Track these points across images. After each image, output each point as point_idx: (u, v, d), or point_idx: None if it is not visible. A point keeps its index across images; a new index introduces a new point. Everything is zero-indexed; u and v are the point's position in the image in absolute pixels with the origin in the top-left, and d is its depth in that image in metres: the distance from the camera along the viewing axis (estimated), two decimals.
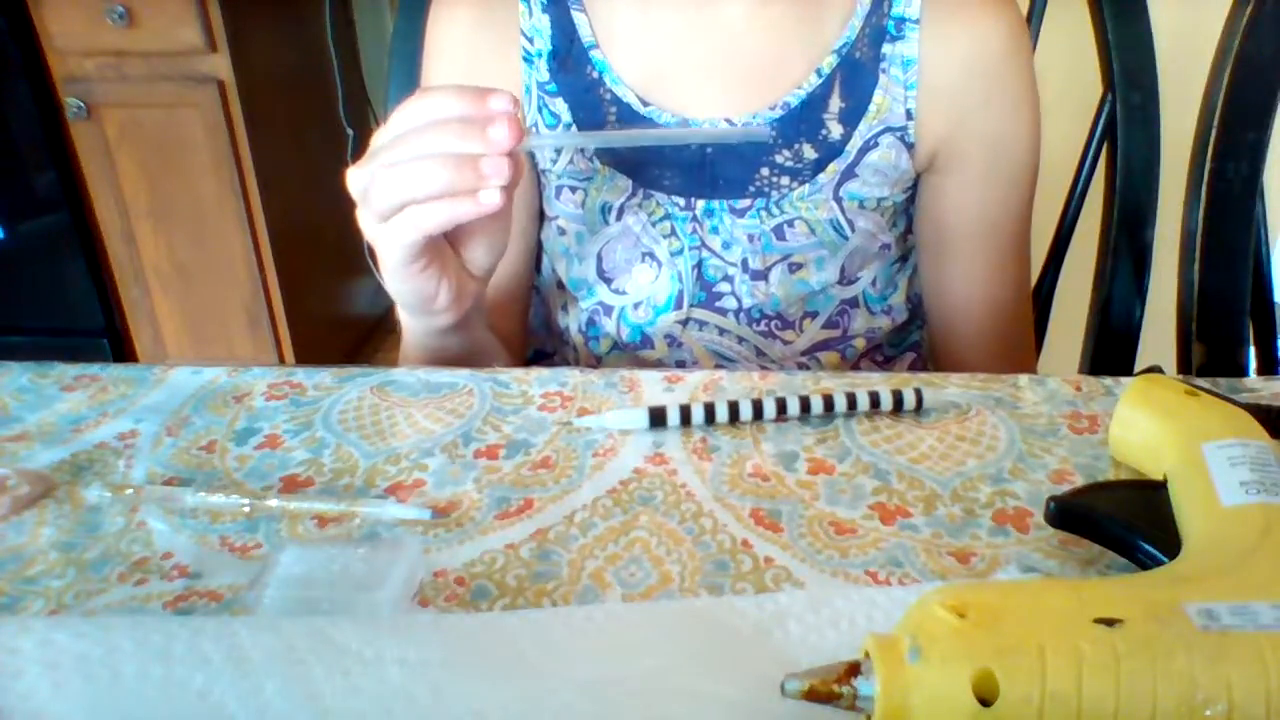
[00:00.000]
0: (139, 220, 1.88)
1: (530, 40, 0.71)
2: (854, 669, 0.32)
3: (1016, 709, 0.30)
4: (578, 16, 0.70)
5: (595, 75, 0.70)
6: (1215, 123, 0.78)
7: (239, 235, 1.88)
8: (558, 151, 0.72)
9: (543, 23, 0.70)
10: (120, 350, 2.00)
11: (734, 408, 0.53)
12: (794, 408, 0.54)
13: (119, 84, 1.77)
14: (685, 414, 0.53)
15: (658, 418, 0.53)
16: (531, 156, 0.74)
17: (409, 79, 0.82)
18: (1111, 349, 0.84)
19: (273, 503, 0.48)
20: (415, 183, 0.51)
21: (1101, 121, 0.81)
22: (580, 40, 0.70)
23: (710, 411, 0.53)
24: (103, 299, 1.95)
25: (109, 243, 1.91)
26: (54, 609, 0.42)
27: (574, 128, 0.71)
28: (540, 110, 0.71)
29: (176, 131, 1.80)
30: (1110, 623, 0.31)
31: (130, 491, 0.49)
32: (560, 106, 0.71)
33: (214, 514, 0.48)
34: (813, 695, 0.32)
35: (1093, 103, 0.82)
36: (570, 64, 0.70)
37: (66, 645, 0.37)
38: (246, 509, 0.48)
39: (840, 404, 0.54)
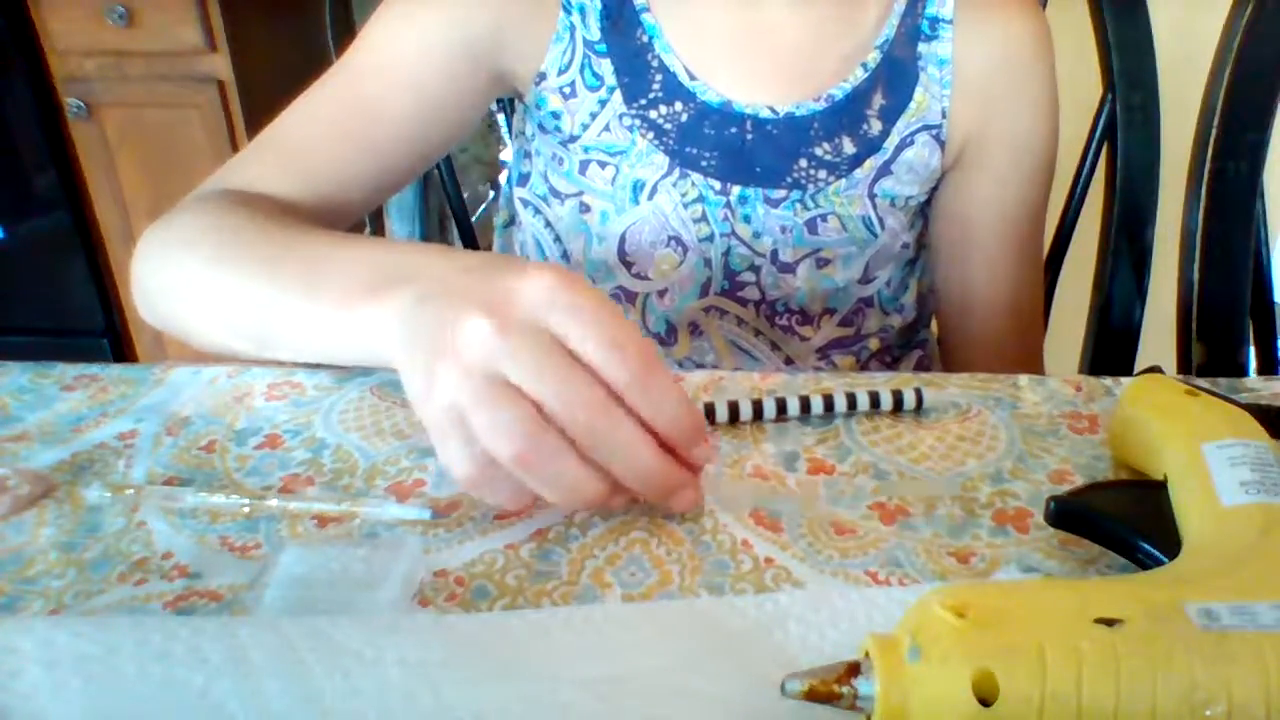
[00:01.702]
0: (139, 220, 1.88)
1: None
2: (854, 669, 0.32)
3: (1016, 709, 0.30)
4: None
5: (645, 40, 0.69)
6: (1215, 123, 0.78)
7: None
8: (592, 116, 0.70)
9: None
10: (120, 350, 2.00)
11: (734, 408, 0.53)
12: (794, 408, 0.54)
13: (119, 84, 1.77)
14: None
15: None
16: (506, 108, 0.72)
17: None
18: (1111, 349, 0.84)
19: (273, 503, 0.48)
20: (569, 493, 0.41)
21: (1101, 122, 0.81)
22: (632, 1, 0.69)
23: (710, 411, 0.53)
24: (103, 299, 1.95)
25: (109, 243, 1.91)
26: (54, 609, 0.42)
27: (617, 92, 0.69)
28: (583, 70, 0.70)
29: (176, 131, 1.80)
30: (1110, 623, 0.31)
31: (130, 491, 0.49)
32: (605, 68, 0.69)
33: (214, 514, 0.48)
34: (813, 695, 0.32)
35: (1093, 103, 0.82)
36: (622, 25, 0.69)
37: (66, 645, 0.37)
38: (246, 509, 0.48)
39: (840, 404, 0.54)
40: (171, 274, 0.59)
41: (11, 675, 0.35)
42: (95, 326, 1.97)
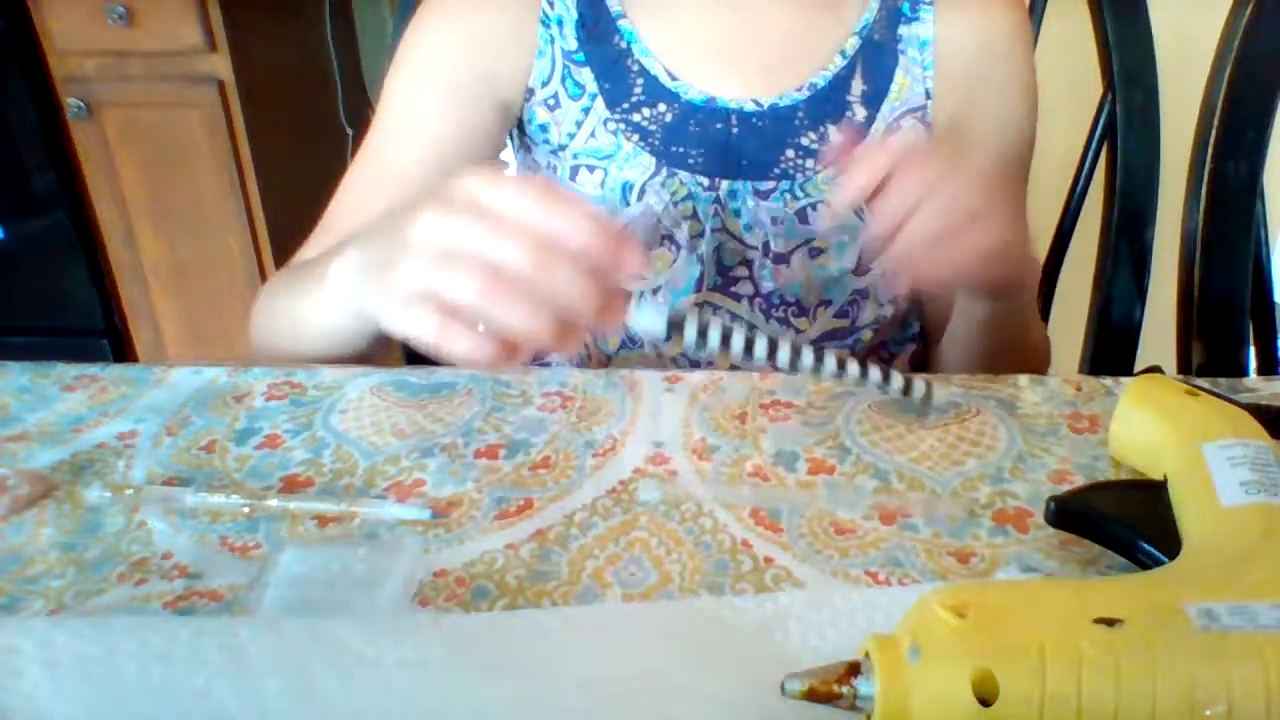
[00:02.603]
0: (139, 220, 1.88)
1: (550, 3, 0.70)
2: (854, 669, 0.32)
3: (1016, 709, 0.30)
4: None
5: (623, 45, 0.70)
6: (1215, 123, 0.78)
7: (239, 235, 1.87)
8: (578, 124, 0.71)
9: None
10: (120, 350, 2.00)
11: (749, 343, 0.50)
12: (808, 360, 0.51)
13: (119, 84, 1.77)
14: (703, 331, 0.49)
15: (676, 325, 0.49)
16: (522, 132, 0.73)
17: None
18: (1111, 349, 0.84)
19: (273, 503, 0.48)
20: (519, 318, 0.44)
21: (1101, 121, 0.81)
22: (608, 9, 0.70)
23: (703, 332, 0.49)
24: (103, 299, 1.95)
25: (109, 243, 1.91)
26: (54, 609, 0.42)
27: (599, 98, 0.70)
28: (564, 80, 0.70)
29: (176, 131, 1.80)
30: (1110, 623, 0.31)
31: (130, 491, 0.49)
32: (586, 76, 0.70)
33: (214, 514, 0.48)
34: (813, 695, 0.32)
35: (1093, 103, 0.82)
36: (598, 32, 0.70)
37: (66, 645, 0.37)
38: (246, 509, 0.48)
39: (853, 371, 0.52)
40: (259, 321, 0.70)
41: (12, 675, 0.35)
42: (95, 326, 1.97)
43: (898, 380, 0.53)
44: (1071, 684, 0.30)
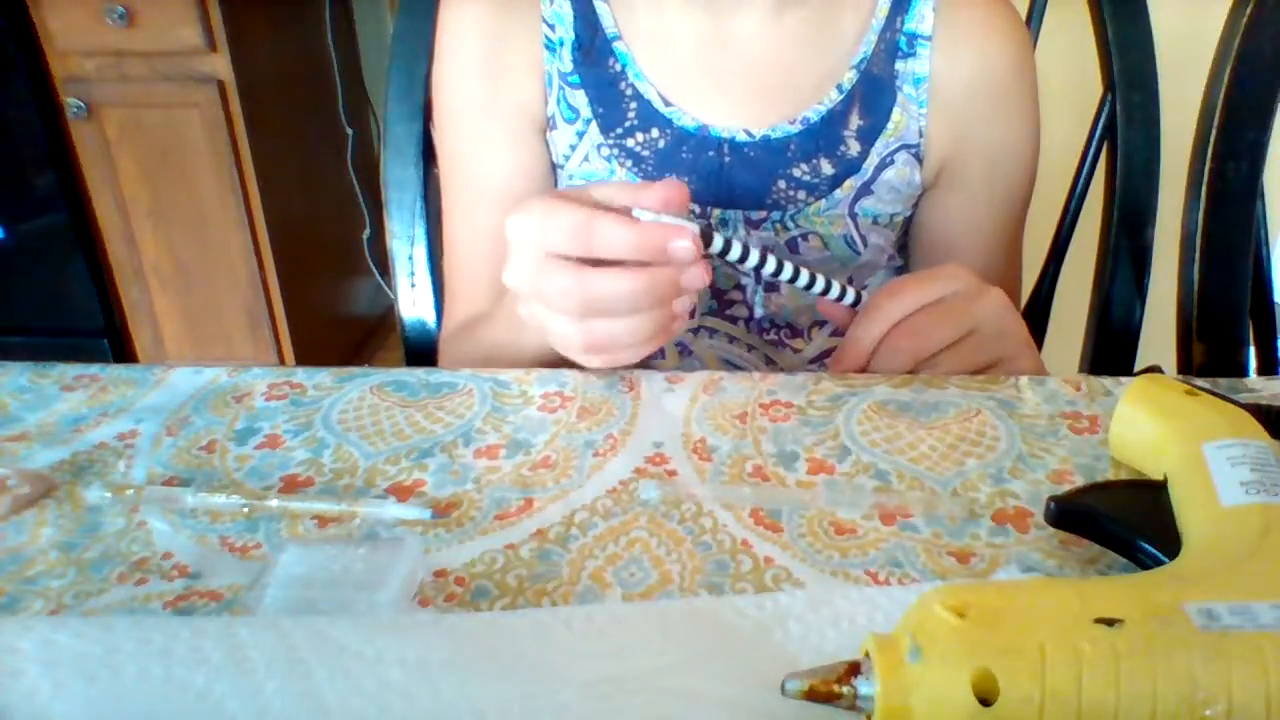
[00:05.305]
0: (139, 220, 1.88)
1: (551, 28, 0.70)
2: (854, 669, 0.32)
3: (1016, 709, 0.30)
4: (600, 7, 0.70)
5: (618, 69, 0.70)
6: (1215, 123, 0.78)
7: (239, 235, 1.88)
8: (572, 148, 0.71)
9: (564, 9, 0.70)
10: (120, 350, 2.00)
11: (728, 244, 0.55)
12: (788, 273, 0.58)
13: (119, 84, 1.77)
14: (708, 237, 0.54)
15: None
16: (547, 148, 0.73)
17: (409, 79, 0.82)
18: (1111, 349, 0.84)
19: (273, 503, 0.48)
20: (624, 338, 0.52)
21: (1101, 121, 0.81)
22: (604, 31, 0.70)
23: (707, 238, 0.54)
24: (103, 299, 1.95)
25: (109, 243, 1.91)
26: (54, 609, 0.42)
27: (593, 123, 0.70)
28: (560, 103, 0.71)
29: (176, 131, 1.80)
30: (1110, 623, 0.31)
31: (130, 491, 0.49)
32: (580, 100, 0.70)
33: (214, 514, 0.48)
34: (813, 695, 0.32)
35: (1093, 103, 0.82)
36: (594, 55, 0.70)
37: (66, 645, 0.37)
38: (246, 509, 0.48)
39: (803, 279, 0.58)
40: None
41: (12, 675, 0.36)
42: (95, 326, 1.97)
43: (850, 296, 0.59)
44: (1071, 684, 0.30)
